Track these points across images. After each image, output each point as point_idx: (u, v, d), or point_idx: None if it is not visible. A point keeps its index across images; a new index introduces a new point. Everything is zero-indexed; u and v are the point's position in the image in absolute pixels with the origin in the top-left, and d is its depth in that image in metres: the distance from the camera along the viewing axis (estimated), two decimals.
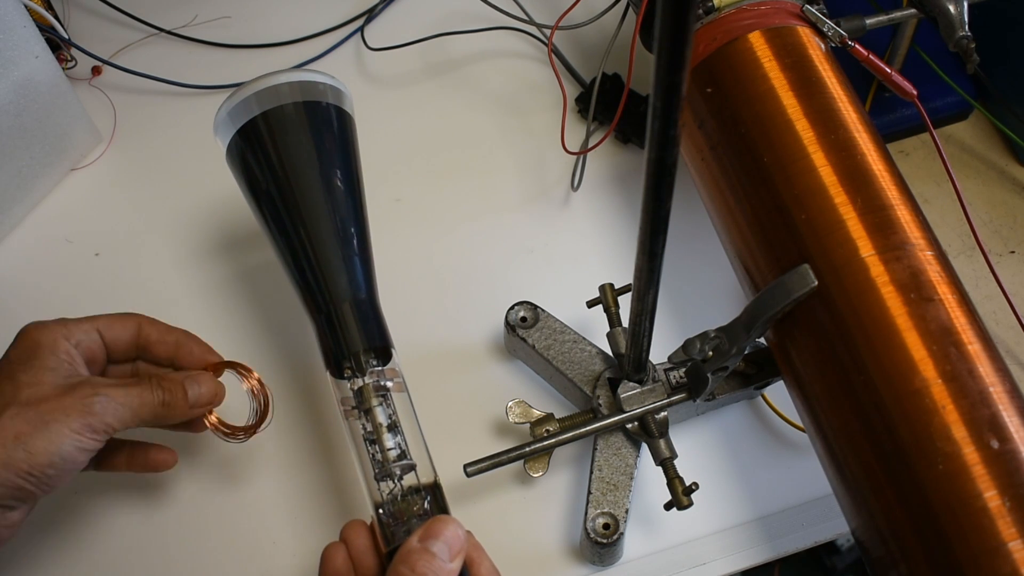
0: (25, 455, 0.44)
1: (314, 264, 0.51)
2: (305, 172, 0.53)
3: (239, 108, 0.53)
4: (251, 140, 0.53)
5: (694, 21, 0.31)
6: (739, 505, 0.58)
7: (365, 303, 0.52)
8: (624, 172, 0.70)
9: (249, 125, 0.53)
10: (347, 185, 0.54)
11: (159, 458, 0.53)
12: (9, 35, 0.59)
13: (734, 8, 0.56)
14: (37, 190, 0.68)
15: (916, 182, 0.69)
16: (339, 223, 0.53)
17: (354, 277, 0.52)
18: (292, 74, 0.54)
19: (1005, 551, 0.40)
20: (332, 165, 0.54)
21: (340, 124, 0.56)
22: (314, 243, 0.51)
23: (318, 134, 0.54)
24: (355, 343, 0.50)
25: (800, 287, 0.47)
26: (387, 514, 0.47)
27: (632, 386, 0.55)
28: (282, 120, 0.53)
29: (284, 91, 0.53)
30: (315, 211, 0.52)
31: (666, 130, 0.34)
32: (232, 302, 0.65)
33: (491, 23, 0.75)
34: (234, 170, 0.55)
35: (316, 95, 0.54)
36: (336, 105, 0.55)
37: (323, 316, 0.51)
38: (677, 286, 0.64)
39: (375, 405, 0.49)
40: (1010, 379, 0.45)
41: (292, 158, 0.53)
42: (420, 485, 0.48)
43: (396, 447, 0.49)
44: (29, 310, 0.64)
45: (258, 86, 0.53)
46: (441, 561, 0.43)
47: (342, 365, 0.50)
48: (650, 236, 0.40)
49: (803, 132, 0.51)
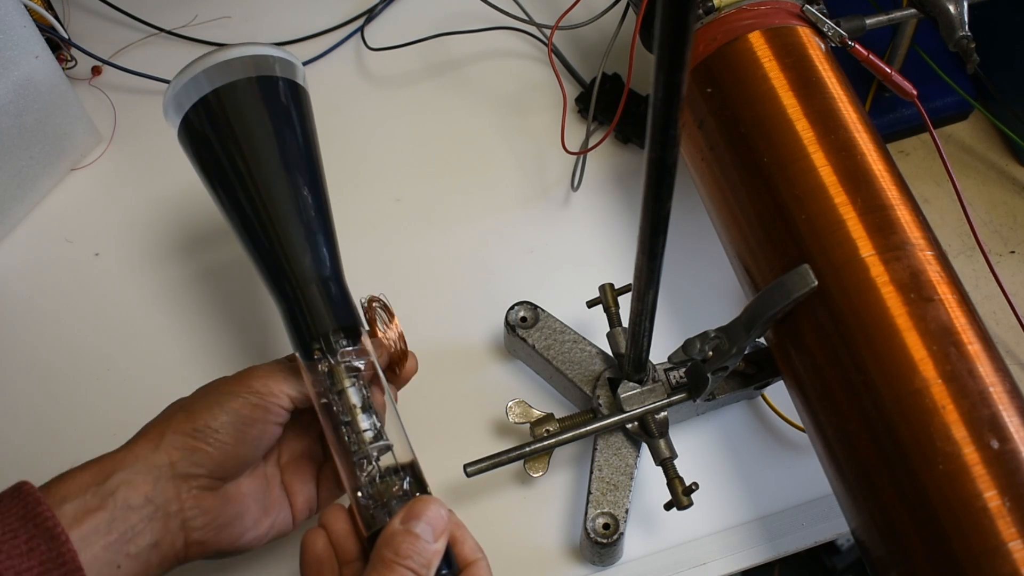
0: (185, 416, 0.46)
1: (276, 244, 0.49)
2: (261, 149, 0.51)
3: (188, 87, 0.51)
4: (203, 119, 0.51)
5: (694, 21, 0.31)
6: (739, 505, 0.58)
7: (331, 281, 0.50)
8: (624, 172, 0.70)
9: (200, 103, 0.51)
10: (305, 161, 0.52)
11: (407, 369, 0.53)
12: (9, 35, 0.59)
13: (734, 8, 0.56)
14: (37, 190, 0.68)
15: (916, 182, 0.69)
16: (299, 201, 0.51)
17: (318, 255, 0.50)
18: (242, 49, 0.52)
19: (1005, 551, 0.40)
20: (288, 141, 0.52)
21: (294, 98, 0.54)
22: (274, 222, 0.50)
23: (273, 109, 0.52)
24: (323, 323, 0.48)
25: (800, 287, 0.47)
26: (366, 497, 0.46)
27: (632, 386, 0.55)
28: (234, 96, 0.51)
29: (235, 66, 0.51)
30: (274, 189, 0.50)
31: (666, 130, 0.34)
32: (233, 296, 0.65)
33: (491, 23, 0.75)
34: (188, 151, 0.53)
35: (268, 69, 0.52)
36: (289, 79, 0.54)
37: (289, 297, 0.49)
38: (677, 286, 0.64)
39: (347, 386, 0.48)
40: (1010, 379, 0.45)
41: (247, 135, 0.51)
42: (398, 465, 0.47)
43: (371, 428, 0.47)
44: (29, 310, 0.64)
45: (208, 62, 0.51)
46: (425, 542, 0.43)
47: (311, 347, 0.48)
48: (650, 236, 0.40)
49: (803, 132, 0.51)
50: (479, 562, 0.45)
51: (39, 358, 0.62)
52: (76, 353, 0.62)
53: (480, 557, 0.46)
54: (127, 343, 0.63)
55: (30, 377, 0.62)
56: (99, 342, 0.63)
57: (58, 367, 0.62)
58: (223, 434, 0.46)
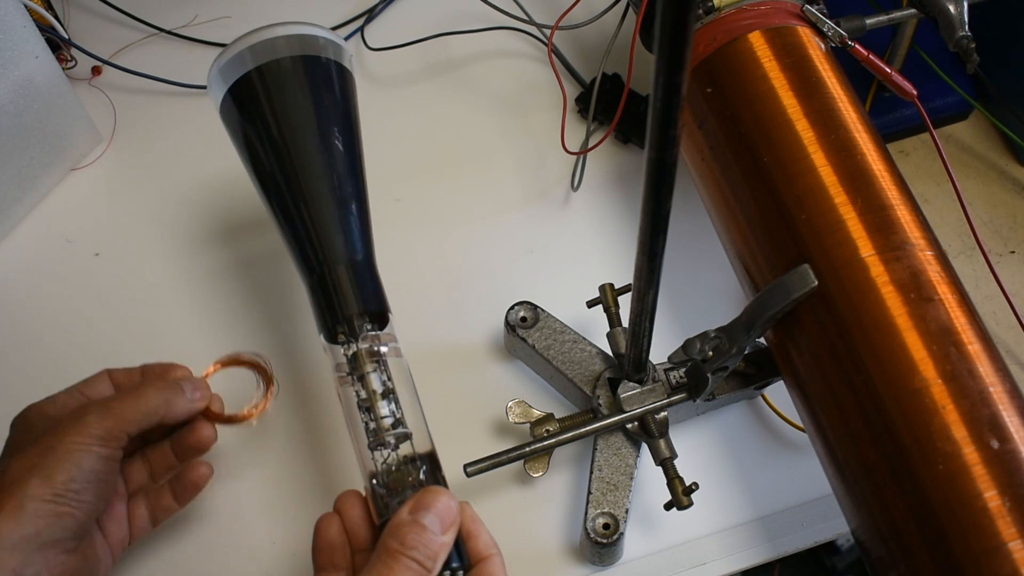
0: (40, 481, 0.43)
1: (308, 223, 0.49)
2: (301, 128, 0.51)
3: (233, 62, 0.51)
4: (245, 95, 0.51)
5: (694, 21, 0.31)
6: (739, 505, 0.58)
7: (361, 265, 0.50)
8: (624, 172, 0.70)
9: (243, 80, 0.51)
10: (346, 143, 0.52)
11: (196, 473, 0.52)
12: (9, 35, 0.59)
13: (734, 8, 0.56)
14: (37, 190, 0.68)
15: (916, 182, 0.69)
16: (336, 182, 0.50)
17: (350, 238, 0.50)
18: (289, 27, 0.52)
19: (1005, 551, 0.40)
20: (330, 122, 0.52)
21: (339, 80, 0.53)
22: (309, 201, 0.49)
23: (315, 89, 0.52)
24: (349, 306, 0.48)
25: (800, 287, 0.47)
26: (381, 484, 0.46)
27: (632, 386, 0.55)
28: (278, 74, 0.51)
29: (281, 45, 0.51)
30: (311, 168, 0.50)
31: (666, 130, 0.34)
32: (232, 296, 0.65)
33: (491, 23, 0.75)
34: (228, 127, 0.53)
35: (315, 49, 0.52)
36: (336, 61, 0.53)
37: (316, 277, 0.49)
38: (677, 286, 0.64)
39: (369, 371, 0.47)
40: (1010, 379, 0.45)
41: (288, 114, 0.51)
42: (416, 455, 0.46)
43: (391, 415, 0.47)
44: (29, 310, 0.64)
45: (253, 39, 0.51)
46: (432, 534, 0.42)
47: (335, 329, 0.48)
48: (650, 236, 0.40)
49: (803, 132, 0.51)
50: (493, 558, 0.44)
51: (39, 358, 0.62)
52: (76, 353, 0.62)
53: (494, 553, 0.45)
54: (127, 343, 0.63)
55: (30, 377, 0.62)
56: (99, 342, 0.63)
57: (58, 367, 0.62)
58: (84, 494, 0.44)
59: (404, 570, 0.41)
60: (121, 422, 0.46)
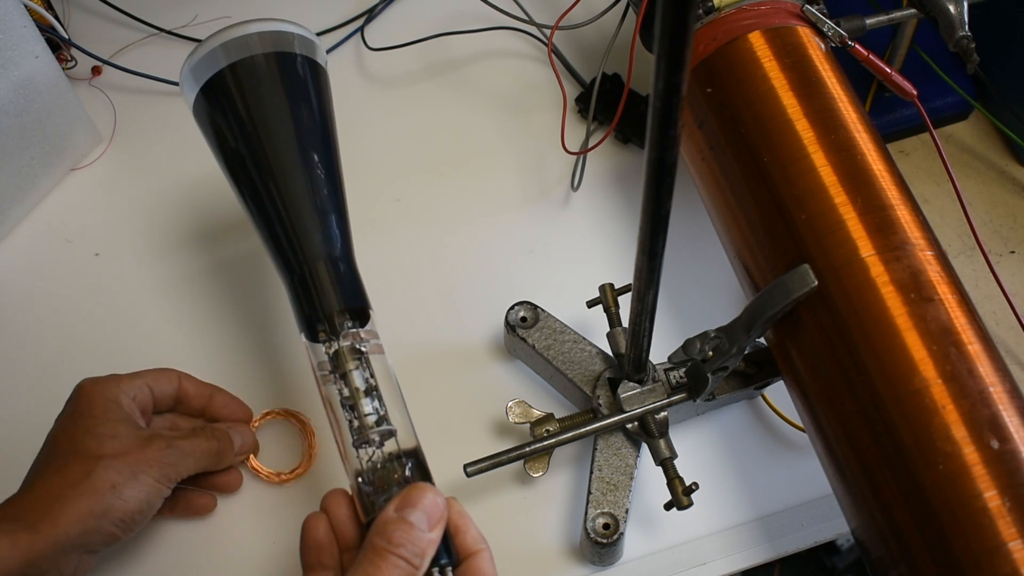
0: (121, 503, 0.47)
1: (285, 220, 0.49)
2: (275, 125, 0.50)
3: (205, 60, 0.51)
4: (218, 93, 0.51)
5: (694, 21, 0.31)
6: (739, 505, 0.58)
7: (340, 261, 0.49)
8: (624, 172, 0.70)
9: (216, 78, 0.51)
10: (320, 139, 0.52)
11: (200, 502, 0.56)
12: (9, 35, 0.59)
13: (734, 8, 0.56)
14: (37, 190, 0.68)
15: (916, 182, 0.69)
16: (312, 178, 0.50)
17: (328, 234, 0.49)
18: (261, 24, 0.52)
19: (1005, 551, 0.40)
20: (304, 118, 0.51)
21: (312, 76, 0.53)
22: (285, 198, 0.49)
23: (289, 86, 0.52)
24: (329, 304, 0.48)
25: (800, 287, 0.47)
26: (366, 482, 0.45)
27: (632, 386, 0.55)
28: (251, 71, 0.51)
29: (253, 41, 0.51)
30: (286, 165, 0.50)
31: (666, 130, 0.34)
32: (234, 299, 0.65)
33: (491, 23, 0.75)
34: (201, 126, 0.53)
35: (287, 46, 0.52)
36: (308, 56, 0.53)
37: (295, 275, 0.49)
38: (677, 286, 0.64)
39: (351, 369, 0.47)
40: (1010, 379, 0.45)
41: (262, 111, 0.50)
42: (401, 451, 0.46)
43: (374, 412, 0.46)
44: (28, 310, 0.64)
45: (225, 37, 0.51)
46: (419, 531, 0.42)
47: (316, 328, 0.48)
48: (650, 236, 0.40)
49: (803, 132, 0.51)
50: (481, 553, 0.44)
51: (39, 358, 0.62)
52: (76, 353, 0.62)
53: (483, 548, 0.45)
54: (127, 343, 0.63)
55: (30, 377, 0.62)
56: (99, 342, 0.63)
57: (58, 367, 0.62)
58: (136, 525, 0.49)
59: (392, 568, 0.41)
60: (180, 468, 0.50)
